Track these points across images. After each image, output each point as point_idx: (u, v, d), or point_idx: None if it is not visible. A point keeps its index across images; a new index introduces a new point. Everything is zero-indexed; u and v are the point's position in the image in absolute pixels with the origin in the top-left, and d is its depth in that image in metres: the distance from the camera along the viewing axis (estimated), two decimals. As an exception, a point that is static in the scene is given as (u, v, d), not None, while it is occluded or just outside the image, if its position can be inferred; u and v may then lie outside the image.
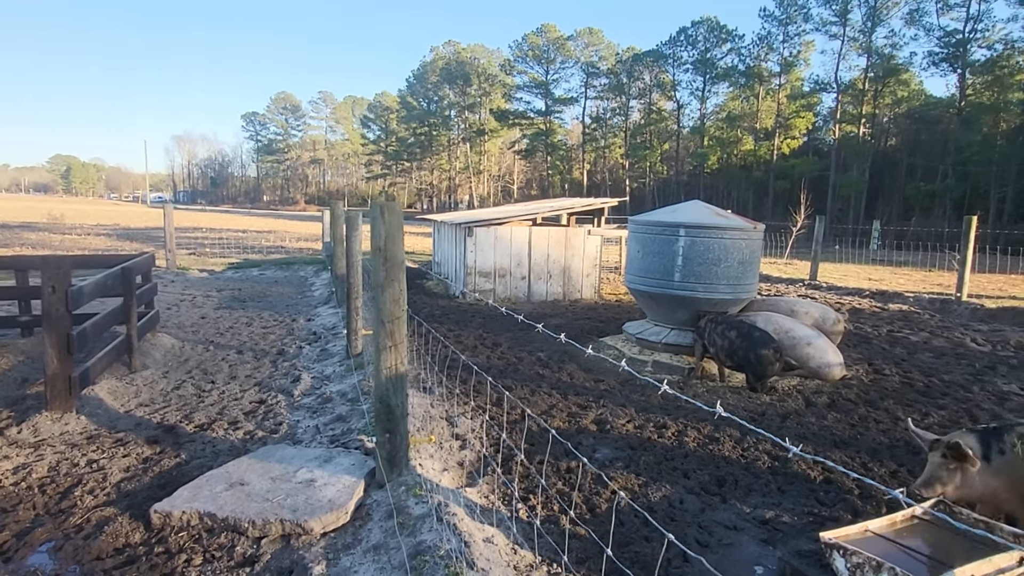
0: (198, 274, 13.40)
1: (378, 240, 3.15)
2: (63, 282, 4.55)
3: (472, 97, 73.31)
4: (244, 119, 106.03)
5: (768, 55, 51.96)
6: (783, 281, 14.13)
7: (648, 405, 5.16)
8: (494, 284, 10.35)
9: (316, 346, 7.13)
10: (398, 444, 3.35)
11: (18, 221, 29.78)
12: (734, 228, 6.28)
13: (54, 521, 3.27)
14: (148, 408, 5.03)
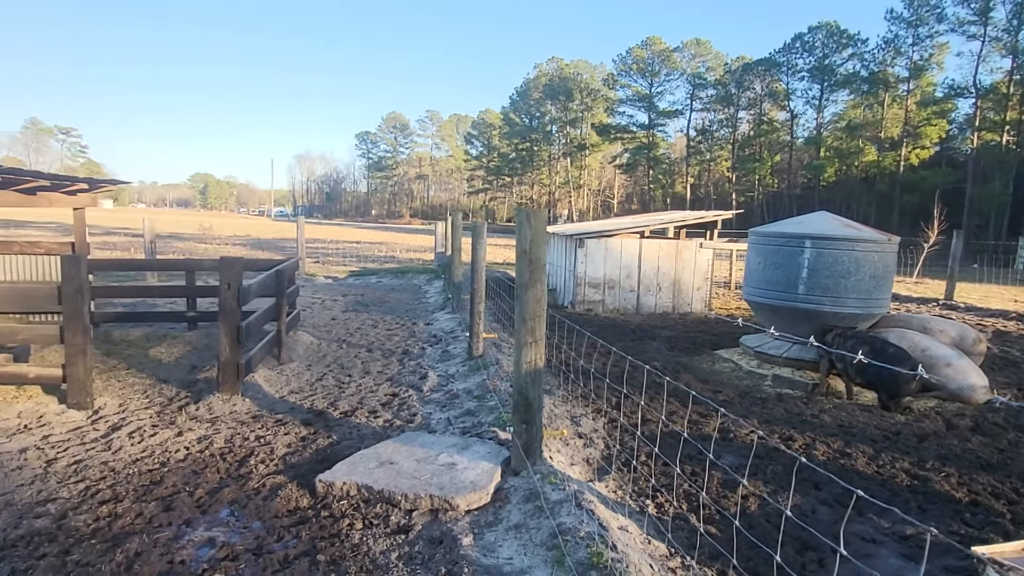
0: (324, 280, 14.49)
1: (523, 243, 3.42)
2: (236, 280, 5.21)
3: (574, 112, 73.82)
4: (357, 138, 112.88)
5: (895, 59, 48.64)
6: (914, 300, 13.21)
7: (771, 417, 5.11)
8: (603, 295, 10.47)
9: (437, 348, 7.58)
10: (534, 435, 3.58)
11: (167, 232, 33.34)
12: (866, 240, 6.06)
13: (236, 484, 3.78)
14: (298, 395, 5.61)
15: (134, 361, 6.56)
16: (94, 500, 3.52)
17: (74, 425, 4.74)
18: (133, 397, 5.45)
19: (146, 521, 3.30)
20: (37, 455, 4.13)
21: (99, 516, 3.34)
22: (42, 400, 5.21)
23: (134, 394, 5.53)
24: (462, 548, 2.98)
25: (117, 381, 5.89)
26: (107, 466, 3.97)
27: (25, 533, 3.15)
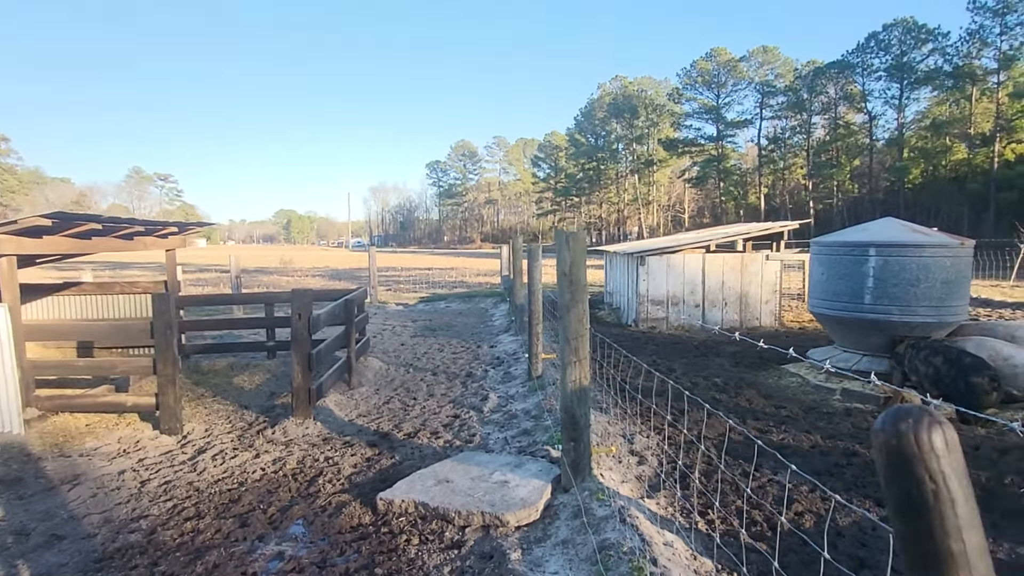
0: (395, 307, 15.04)
1: (563, 266, 3.54)
2: (307, 310, 5.58)
3: (640, 129, 73.35)
4: (428, 167, 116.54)
5: (981, 51, 45.59)
6: (1008, 306, 12.28)
7: (836, 432, 4.93)
8: (667, 312, 10.36)
9: (499, 369, 7.75)
10: (581, 452, 3.65)
11: (255, 266, 35.46)
12: (935, 245, 5.79)
13: (305, 502, 4.04)
14: (366, 418, 5.90)
15: (219, 389, 7.08)
16: (180, 517, 3.86)
17: (166, 449, 5.19)
18: (217, 422, 5.90)
19: (224, 536, 3.60)
20: (133, 476, 4.56)
21: (184, 531, 3.67)
22: (139, 427, 5.72)
23: (218, 420, 5.98)
24: (510, 563, 3.09)
25: (204, 408, 6.38)
26: (192, 486, 4.34)
27: (121, 546, 3.51)
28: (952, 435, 1.02)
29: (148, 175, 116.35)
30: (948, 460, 1.01)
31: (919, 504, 1.02)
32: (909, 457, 1.01)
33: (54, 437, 5.39)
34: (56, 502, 4.12)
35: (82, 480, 4.50)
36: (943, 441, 1.01)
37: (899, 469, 1.03)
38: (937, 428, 1.01)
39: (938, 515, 1.01)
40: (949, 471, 1.01)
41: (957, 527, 1.01)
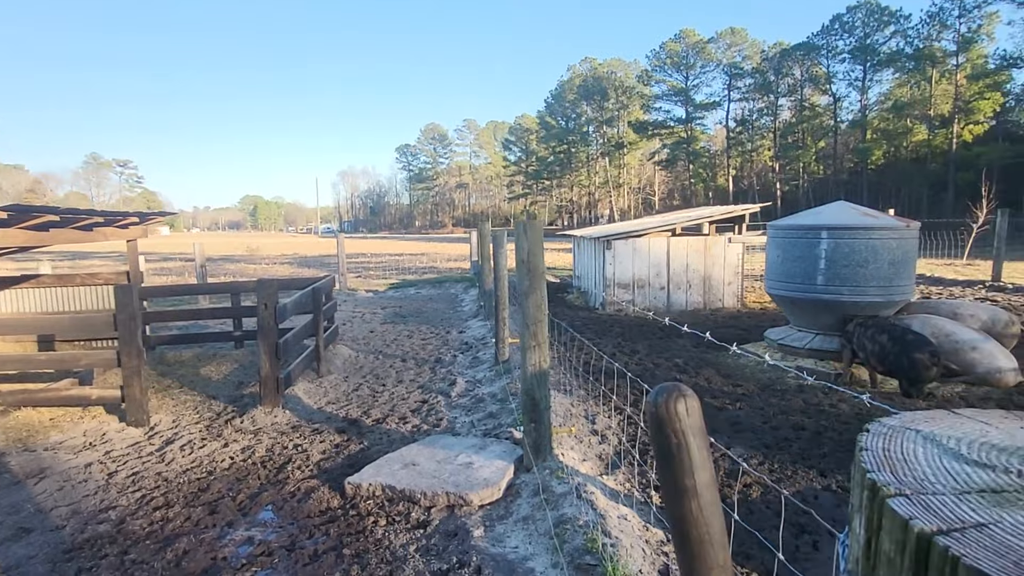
0: (365, 294, 15.02)
1: (522, 254, 3.65)
2: (273, 300, 5.60)
3: (610, 111, 73.52)
4: (397, 151, 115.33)
5: (941, 33, 46.70)
6: (959, 283, 12.80)
7: (787, 408, 5.17)
8: (633, 295, 10.57)
9: (468, 355, 7.86)
10: (542, 433, 3.80)
11: (220, 254, 34.86)
12: (882, 228, 6.04)
13: (274, 488, 4.12)
14: (335, 405, 5.97)
15: (186, 380, 7.06)
16: (149, 507, 3.91)
17: (133, 441, 5.20)
18: (185, 413, 5.91)
19: (193, 524, 3.67)
20: (100, 468, 4.58)
21: (153, 520, 3.72)
22: (105, 419, 5.71)
23: (186, 410, 5.99)
24: (473, 540, 3.23)
25: (171, 399, 6.38)
26: (161, 476, 4.38)
27: (90, 537, 3.55)
28: (693, 404, 1.36)
29: (106, 161, 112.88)
30: (688, 422, 1.35)
31: (667, 453, 1.38)
32: (662, 420, 1.36)
33: (17, 432, 5.35)
34: (22, 496, 4.13)
35: (48, 474, 4.50)
36: (684, 409, 1.35)
37: (657, 429, 1.38)
38: (681, 399, 1.34)
39: (678, 460, 1.36)
40: (687, 430, 1.35)
41: (691, 468, 1.36)
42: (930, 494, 0.57)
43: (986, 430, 0.73)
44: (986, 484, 0.58)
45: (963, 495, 0.56)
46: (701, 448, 1.36)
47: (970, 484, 0.58)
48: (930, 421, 0.78)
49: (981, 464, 0.62)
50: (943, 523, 0.53)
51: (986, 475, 0.60)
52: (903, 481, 0.59)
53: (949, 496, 0.56)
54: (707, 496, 1.38)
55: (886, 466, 0.63)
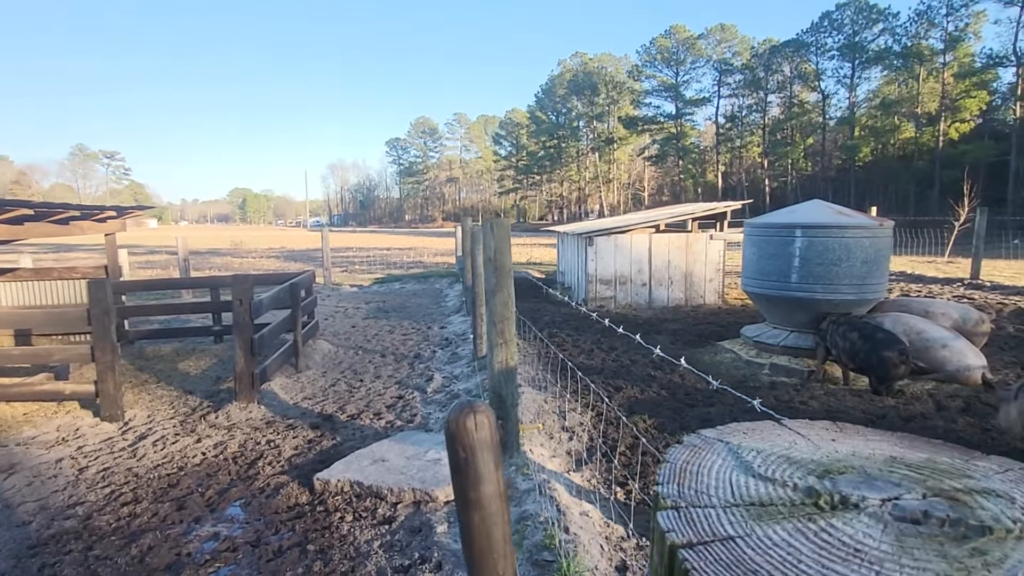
0: (350, 289, 14.99)
1: (489, 252, 3.67)
2: (248, 296, 5.59)
3: (600, 106, 73.53)
4: (388, 145, 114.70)
5: (929, 32, 47.05)
6: (939, 281, 12.95)
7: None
8: (615, 291, 10.62)
9: (447, 350, 7.88)
10: (509, 430, 3.83)
11: (206, 248, 34.63)
12: (856, 226, 6.11)
13: (244, 484, 4.13)
14: (311, 401, 5.97)
15: (164, 375, 7.04)
16: (117, 502, 3.91)
17: (106, 436, 5.18)
18: (160, 408, 5.89)
19: (160, 520, 3.67)
20: (71, 464, 4.57)
21: (120, 516, 3.73)
22: (79, 414, 5.69)
23: (162, 405, 5.98)
24: (436, 535, 3.26)
25: (147, 394, 6.36)
26: (131, 472, 4.38)
27: (56, 532, 3.55)
28: (483, 420, 1.44)
29: (93, 152, 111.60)
30: (476, 437, 1.42)
31: (456, 466, 1.46)
32: (453, 435, 1.44)
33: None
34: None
35: (18, 469, 4.48)
36: (474, 424, 1.42)
37: (450, 443, 1.45)
38: (471, 416, 1.41)
39: (464, 473, 1.44)
40: (475, 444, 1.42)
41: (476, 482, 1.44)
42: (701, 507, 0.59)
43: (796, 442, 0.76)
44: (758, 498, 0.60)
45: (730, 508, 0.59)
46: (487, 463, 1.42)
47: (743, 497, 0.61)
48: (748, 433, 0.81)
49: (765, 478, 0.65)
50: (695, 536, 0.56)
51: (763, 488, 0.63)
52: (683, 494, 0.62)
53: (718, 509, 0.59)
54: (490, 508, 1.45)
55: (675, 479, 0.66)
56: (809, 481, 0.62)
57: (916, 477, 0.65)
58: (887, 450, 0.78)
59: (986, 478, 0.68)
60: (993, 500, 0.63)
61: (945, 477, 0.68)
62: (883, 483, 0.62)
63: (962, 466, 0.73)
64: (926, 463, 0.75)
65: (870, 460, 0.71)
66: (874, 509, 0.57)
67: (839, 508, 0.58)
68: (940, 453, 0.81)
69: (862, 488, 0.61)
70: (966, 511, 0.60)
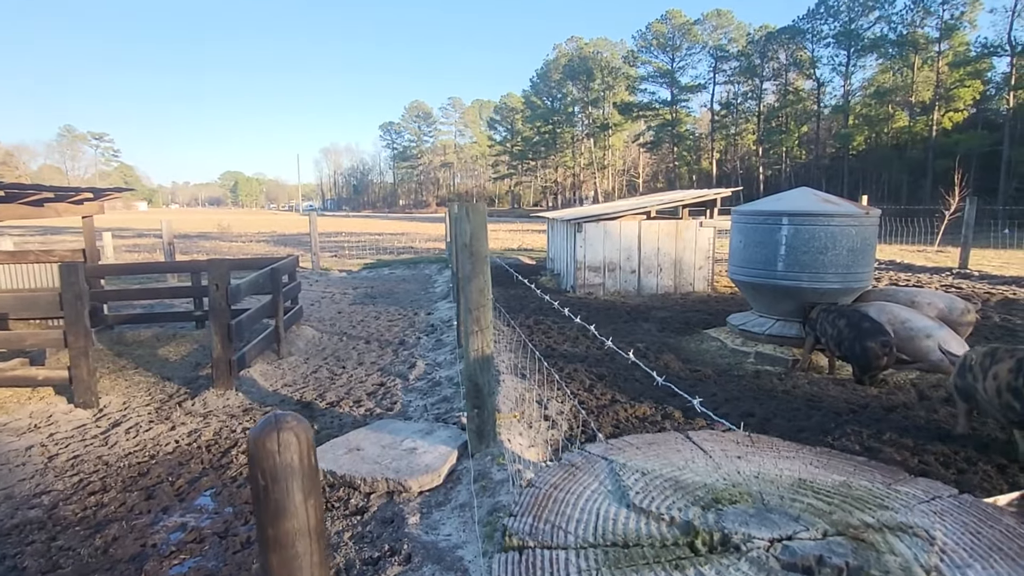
0: (338, 274, 14.86)
1: (464, 237, 3.57)
2: (224, 281, 5.48)
3: (595, 92, 73.04)
4: (381, 129, 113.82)
5: (924, 20, 46.83)
6: (927, 270, 12.94)
7: (740, 394, 5.19)
8: (603, 278, 10.55)
9: (432, 337, 7.80)
10: (485, 419, 3.76)
11: (196, 231, 34.33)
12: (842, 215, 6.04)
13: (216, 473, 4.06)
14: (291, 388, 5.89)
15: (143, 360, 6.93)
16: (84, 491, 3.83)
17: (79, 423, 5.09)
18: (137, 395, 5.80)
19: (128, 509, 3.59)
20: (41, 452, 4.47)
21: (87, 506, 3.64)
22: (53, 401, 5.58)
23: (138, 392, 5.88)
24: (408, 527, 3.19)
25: (124, 380, 6.25)
26: (101, 460, 4.29)
27: (19, 522, 3.47)
28: (291, 439, 1.32)
29: (81, 134, 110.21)
30: (280, 461, 1.30)
31: (256, 493, 1.33)
32: (252, 457, 1.32)
33: (-41, 413, 5.22)
34: (-46, 480, 4.02)
35: (-15, 456, 4.39)
36: (276, 445, 1.29)
37: (250, 465, 1.34)
38: (275, 434, 1.27)
39: (265, 504, 1.31)
40: (278, 470, 1.30)
41: (278, 514, 1.29)
42: (552, 548, 0.51)
43: (694, 460, 0.68)
44: (623, 536, 0.52)
45: (586, 551, 0.50)
46: (292, 493, 1.23)
47: (606, 536, 0.53)
48: (643, 449, 0.73)
49: (640, 509, 0.57)
50: None
51: (634, 523, 0.55)
52: (537, 530, 0.54)
53: (570, 552, 0.51)
54: (293, 549, 1.24)
55: (534, 509, 0.58)
56: (690, 514, 0.54)
57: (821, 508, 0.57)
58: (799, 471, 0.69)
59: (907, 509, 0.61)
60: (908, 540, 0.55)
61: (857, 508, 0.60)
62: (779, 516, 0.54)
63: (882, 492, 0.65)
64: (840, 488, 0.67)
65: (774, 484, 0.63)
66: (758, 553, 0.48)
67: (717, 551, 0.50)
68: (860, 475, 0.72)
69: (751, 524, 0.53)
70: (871, 557, 0.52)
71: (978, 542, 0.58)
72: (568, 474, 0.66)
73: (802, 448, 0.79)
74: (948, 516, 0.60)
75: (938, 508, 0.62)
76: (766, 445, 0.76)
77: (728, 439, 0.76)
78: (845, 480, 0.70)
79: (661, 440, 0.75)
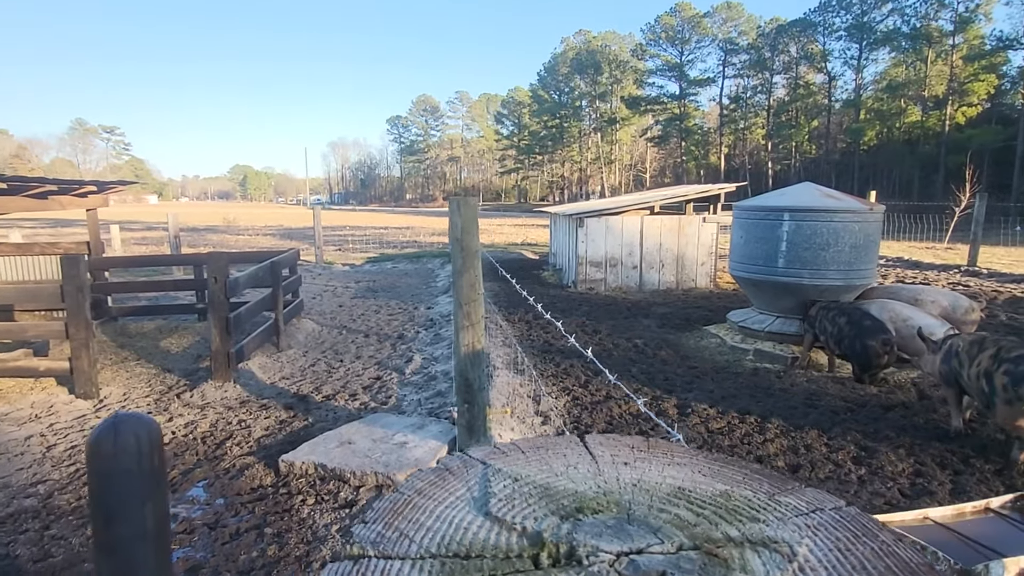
0: (341, 268, 14.90)
1: (455, 231, 3.57)
2: (223, 274, 5.51)
3: (603, 86, 72.63)
4: (389, 123, 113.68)
5: (939, 12, 46.16)
6: (935, 268, 12.82)
7: (737, 392, 5.17)
8: (605, 274, 10.52)
9: (431, 331, 7.82)
10: (476, 414, 3.76)
11: (204, 225, 34.52)
12: (844, 211, 5.99)
13: (210, 464, 4.09)
14: (288, 380, 5.92)
15: (144, 352, 6.99)
16: (79, 481, 3.87)
17: (79, 413, 5.14)
18: (137, 386, 5.84)
19: (121, 499, 3.63)
20: (40, 441, 4.52)
21: (81, 496, 3.68)
22: (54, 391, 5.64)
23: (139, 383, 5.93)
24: (395, 521, 3.20)
25: (126, 371, 6.31)
26: (98, 450, 4.33)
27: (14, 511, 3.51)
28: (129, 442, 1.24)
29: (92, 127, 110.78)
30: (115, 463, 1.23)
31: (91, 495, 1.27)
32: (88, 456, 1.26)
33: (-39, 403, 5.28)
34: (-48, 469, 4.07)
35: (-15, 446, 4.44)
36: (112, 446, 1.21)
37: (86, 460, 1.28)
38: (112, 434, 1.22)
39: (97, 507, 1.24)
40: (113, 472, 1.22)
41: (110, 519, 1.22)
42: (390, 558, 0.50)
43: (577, 465, 0.67)
44: (467, 547, 0.51)
45: (423, 562, 0.50)
46: (127, 497, 1.15)
47: (450, 547, 0.52)
48: (529, 453, 0.72)
49: (495, 518, 0.56)
50: None
51: (484, 533, 0.54)
52: (382, 538, 0.53)
53: (407, 563, 0.50)
54: (127, 554, 1.15)
55: (388, 515, 0.57)
56: (545, 524, 0.53)
57: (688, 519, 0.56)
58: (682, 479, 0.68)
59: (780, 522, 0.60)
60: (766, 556, 0.54)
61: (727, 520, 0.59)
62: (638, 528, 0.53)
63: (761, 504, 0.64)
64: (717, 499, 0.65)
65: (649, 493, 0.62)
66: (600, 568, 0.47)
67: (560, 564, 0.49)
68: (747, 484, 0.71)
69: (605, 536, 0.52)
70: (719, 574, 0.51)
71: (844, 559, 0.57)
72: (439, 479, 0.66)
73: (698, 454, 0.79)
74: (823, 530, 0.59)
75: (815, 521, 0.61)
76: (661, 450, 0.75)
77: (624, 444, 0.76)
78: (727, 490, 0.69)
79: (552, 444, 0.75)
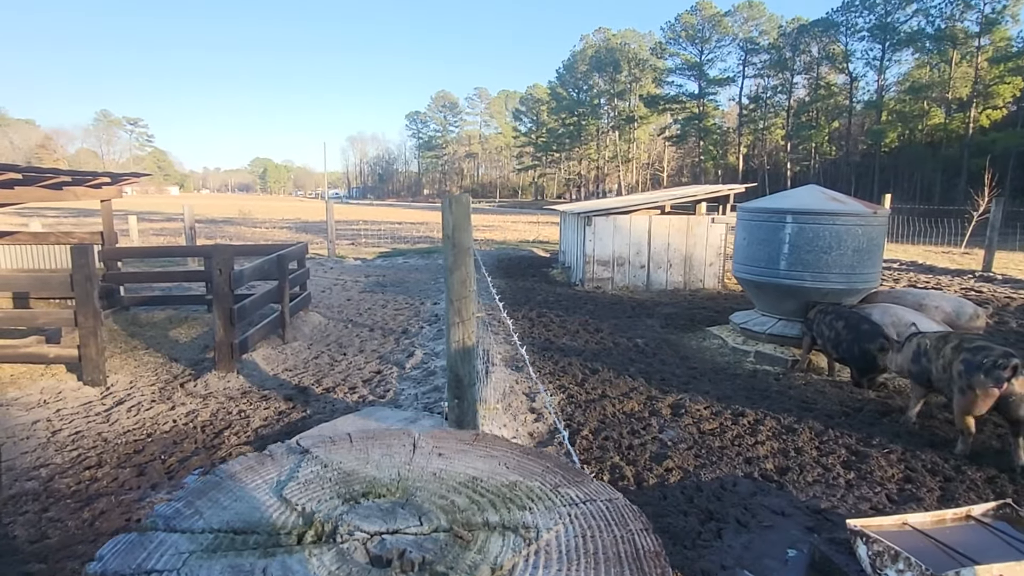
0: (352, 262, 15.03)
1: (447, 229, 3.61)
2: (227, 266, 5.61)
3: (622, 84, 72.30)
4: (407, 118, 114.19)
5: (964, 13, 45.31)
6: (949, 272, 12.63)
7: (733, 393, 5.16)
8: (612, 272, 10.51)
9: (435, 326, 7.88)
10: (466, 409, 3.80)
11: (222, 217, 34.96)
12: (848, 214, 5.94)
13: (207, 453, 4.18)
14: (290, 372, 6.01)
15: (153, 341, 7.13)
16: (80, 466, 3.98)
17: (86, 400, 5.26)
18: (144, 374, 5.97)
19: (119, 485, 3.73)
20: (45, 426, 4.65)
21: (80, 480, 3.79)
22: (64, 378, 5.78)
23: (145, 371, 6.06)
24: (381, 512, 3.26)
25: (134, 360, 6.44)
26: (101, 436, 4.45)
27: (16, 494, 3.62)
28: None
29: (116, 119, 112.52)
30: None
31: None
32: None
33: (-27, 387, 5.44)
34: (-40, 451, 4.20)
35: (-7, 430, 4.57)
36: None
37: None
38: None
39: None
40: None
41: None
42: (175, 531, 0.54)
43: (391, 456, 0.71)
44: (242, 524, 0.55)
45: (203, 535, 0.53)
46: None
47: (232, 523, 0.56)
48: (358, 442, 0.76)
49: (284, 500, 0.60)
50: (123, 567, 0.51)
51: (269, 513, 0.58)
52: (181, 513, 0.57)
53: (186, 535, 0.54)
54: None
55: (195, 494, 0.61)
56: (322, 507, 0.57)
57: (460, 505, 0.60)
58: (482, 470, 0.71)
59: (547, 510, 0.63)
60: (509, 540, 0.58)
61: (496, 507, 0.62)
62: (407, 511, 0.58)
63: (541, 493, 0.67)
64: (503, 488, 0.69)
65: (442, 481, 0.65)
66: (352, 545, 0.52)
67: (318, 542, 0.53)
68: (542, 477, 0.74)
69: (371, 519, 0.56)
70: (453, 554, 0.55)
71: (585, 544, 0.61)
72: (258, 463, 0.70)
73: (514, 449, 0.82)
74: (582, 519, 0.63)
75: (582, 511, 0.65)
76: (483, 444, 0.79)
77: (454, 437, 0.79)
78: (517, 480, 0.72)
79: (383, 436, 0.79)
